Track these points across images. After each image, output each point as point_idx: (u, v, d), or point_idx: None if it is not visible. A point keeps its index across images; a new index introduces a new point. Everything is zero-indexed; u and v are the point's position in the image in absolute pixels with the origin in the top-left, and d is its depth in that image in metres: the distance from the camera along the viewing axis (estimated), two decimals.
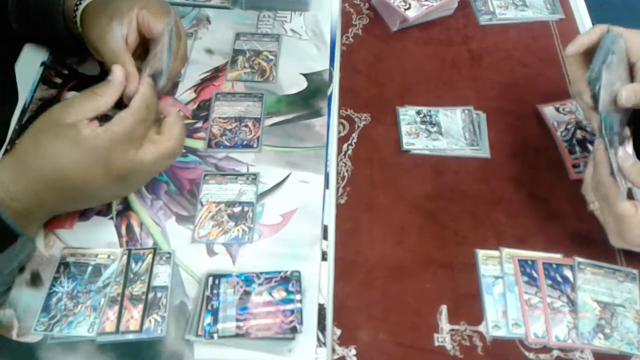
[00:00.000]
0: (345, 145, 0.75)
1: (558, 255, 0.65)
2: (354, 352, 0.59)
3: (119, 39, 0.65)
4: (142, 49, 0.69)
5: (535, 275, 0.63)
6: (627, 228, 0.57)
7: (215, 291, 0.60)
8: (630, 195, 0.61)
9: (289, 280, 0.61)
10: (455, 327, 0.60)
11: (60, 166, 0.54)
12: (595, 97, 0.61)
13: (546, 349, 0.59)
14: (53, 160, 0.54)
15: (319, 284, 0.62)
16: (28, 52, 0.81)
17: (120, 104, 0.59)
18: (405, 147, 0.74)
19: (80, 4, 0.69)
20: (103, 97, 0.57)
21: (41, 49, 0.81)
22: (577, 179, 0.70)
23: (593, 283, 0.62)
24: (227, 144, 0.72)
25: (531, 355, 0.59)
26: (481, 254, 0.65)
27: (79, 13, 0.69)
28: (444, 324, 0.61)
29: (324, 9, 0.88)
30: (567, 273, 0.63)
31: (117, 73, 0.59)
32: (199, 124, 0.74)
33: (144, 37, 0.68)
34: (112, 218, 0.66)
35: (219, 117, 0.75)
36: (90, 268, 0.61)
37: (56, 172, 0.54)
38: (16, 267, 0.58)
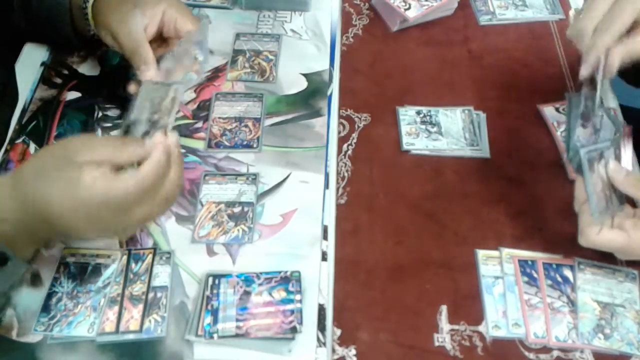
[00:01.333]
0: (345, 145, 0.75)
1: (558, 255, 0.65)
2: (353, 352, 0.59)
3: (139, 26, 0.65)
4: (156, 44, 0.69)
5: (535, 275, 0.63)
6: (628, 251, 0.58)
7: (215, 291, 0.60)
8: (633, 204, 0.61)
9: (289, 280, 0.61)
10: (455, 327, 0.60)
11: (50, 204, 0.51)
12: (577, 163, 0.59)
13: (546, 349, 0.59)
14: (46, 197, 0.51)
15: (319, 284, 0.62)
16: (28, 52, 0.81)
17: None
18: (405, 147, 0.74)
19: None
20: (127, 156, 0.52)
21: (41, 49, 0.81)
22: None
23: (593, 283, 0.62)
24: (227, 144, 0.72)
25: (531, 355, 0.59)
26: (481, 254, 0.65)
27: (89, 4, 0.69)
28: (444, 324, 0.61)
29: (324, 9, 0.88)
30: (567, 273, 0.63)
31: (158, 148, 0.53)
32: (199, 124, 0.74)
33: (161, 34, 0.68)
34: None
35: (219, 117, 0.75)
36: (90, 268, 0.61)
37: (46, 208, 0.51)
38: (9, 289, 0.57)
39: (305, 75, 0.80)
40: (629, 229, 0.57)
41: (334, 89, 0.79)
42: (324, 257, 0.64)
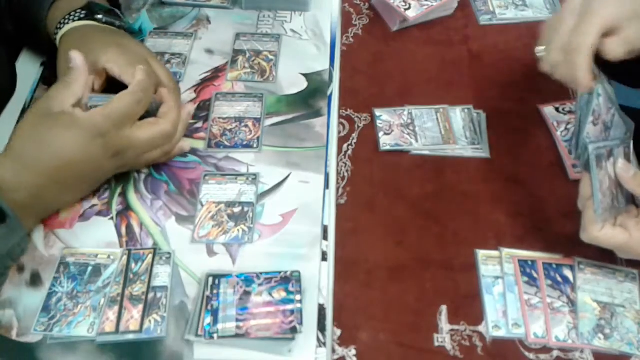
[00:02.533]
0: (345, 145, 0.75)
1: (558, 255, 0.65)
2: (354, 352, 0.59)
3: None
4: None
5: (535, 275, 0.63)
6: (628, 250, 0.58)
7: (215, 291, 0.60)
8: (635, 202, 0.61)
9: (289, 281, 0.61)
10: (455, 327, 0.60)
11: (60, 153, 0.57)
12: (585, 160, 0.58)
13: (546, 349, 0.59)
14: (53, 149, 0.57)
15: (319, 284, 0.62)
16: (28, 51, 0.81)
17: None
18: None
19: (58, 32, 0.69)
20: (75, 82, 0.61)
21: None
22: (577, 179, 0.69)
23: (593, 283, 0.62)
24: (227, 144, 0.72)
25: (531, 355, 0.59)
26: (481, 254, 0.65)
27: (58, 37, 0.70)
28: (444, 324, 0.61)
29: (324, 9, 0.88)
30: (567, 273, 0.63)
31: (76, 59, 0.62)
32: (199, 124, 0.74)
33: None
34: (112, 218, 0.66)
35: (219, 117, 0.75)
36: (90, 268, 0.61)
37: (57, 160, 0.57)
38: (6, 256, 0.58)
39: (305, 75, 0.80)
40: (631, 228, 0.57)
41: (334, 89, 0.79)
42: (324, 257, 0.64)
